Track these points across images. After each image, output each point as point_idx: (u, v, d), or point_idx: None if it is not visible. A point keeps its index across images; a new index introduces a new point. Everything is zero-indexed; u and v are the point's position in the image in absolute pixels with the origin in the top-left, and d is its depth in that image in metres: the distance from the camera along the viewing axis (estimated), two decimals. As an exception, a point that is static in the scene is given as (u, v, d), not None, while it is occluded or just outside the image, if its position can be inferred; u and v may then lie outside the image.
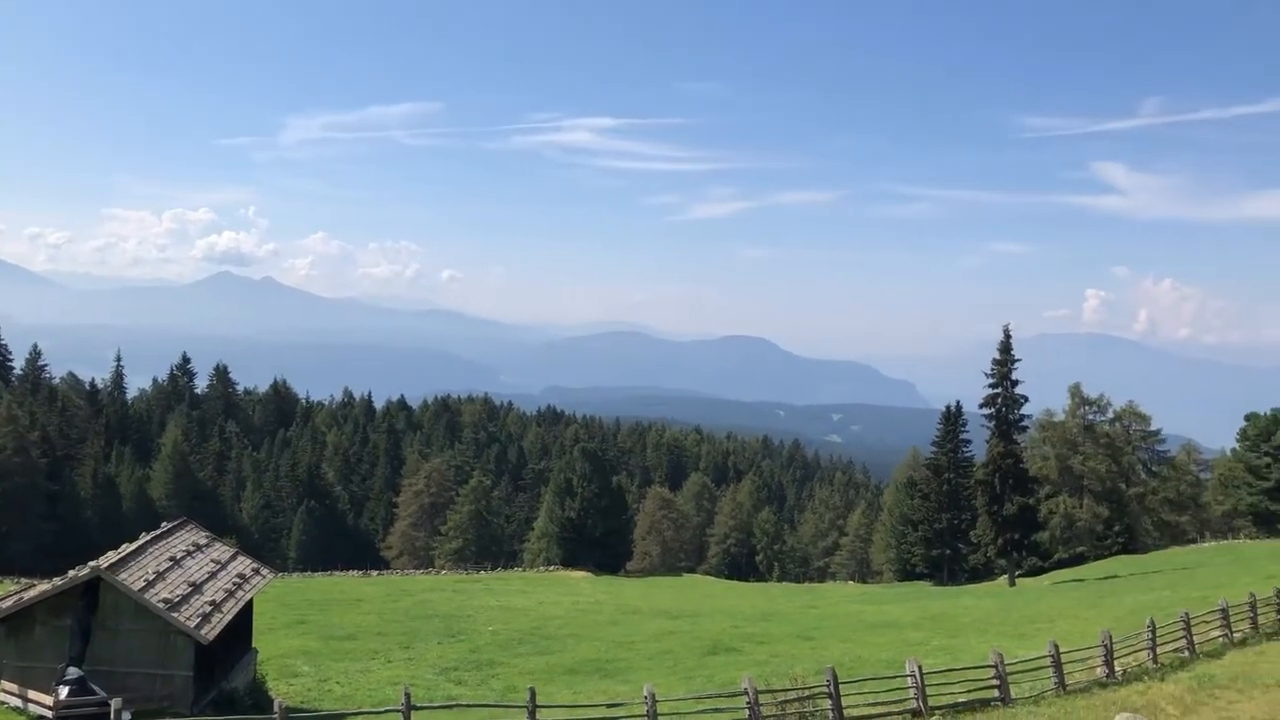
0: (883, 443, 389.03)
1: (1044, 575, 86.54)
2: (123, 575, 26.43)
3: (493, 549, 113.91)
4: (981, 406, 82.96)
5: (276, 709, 23.37)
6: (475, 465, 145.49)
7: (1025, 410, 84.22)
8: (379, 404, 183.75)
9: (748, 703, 24.45)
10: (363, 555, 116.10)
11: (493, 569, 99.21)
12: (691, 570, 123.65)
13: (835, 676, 25.45)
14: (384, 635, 49.85)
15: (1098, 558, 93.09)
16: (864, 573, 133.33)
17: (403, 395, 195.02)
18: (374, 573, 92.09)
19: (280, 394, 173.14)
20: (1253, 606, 36.55)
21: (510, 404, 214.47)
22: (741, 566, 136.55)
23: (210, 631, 26.74)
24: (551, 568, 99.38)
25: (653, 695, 24.31)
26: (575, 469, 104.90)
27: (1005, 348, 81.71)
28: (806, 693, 25.78)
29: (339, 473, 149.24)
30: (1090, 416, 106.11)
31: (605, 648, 45.77)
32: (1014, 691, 28.15)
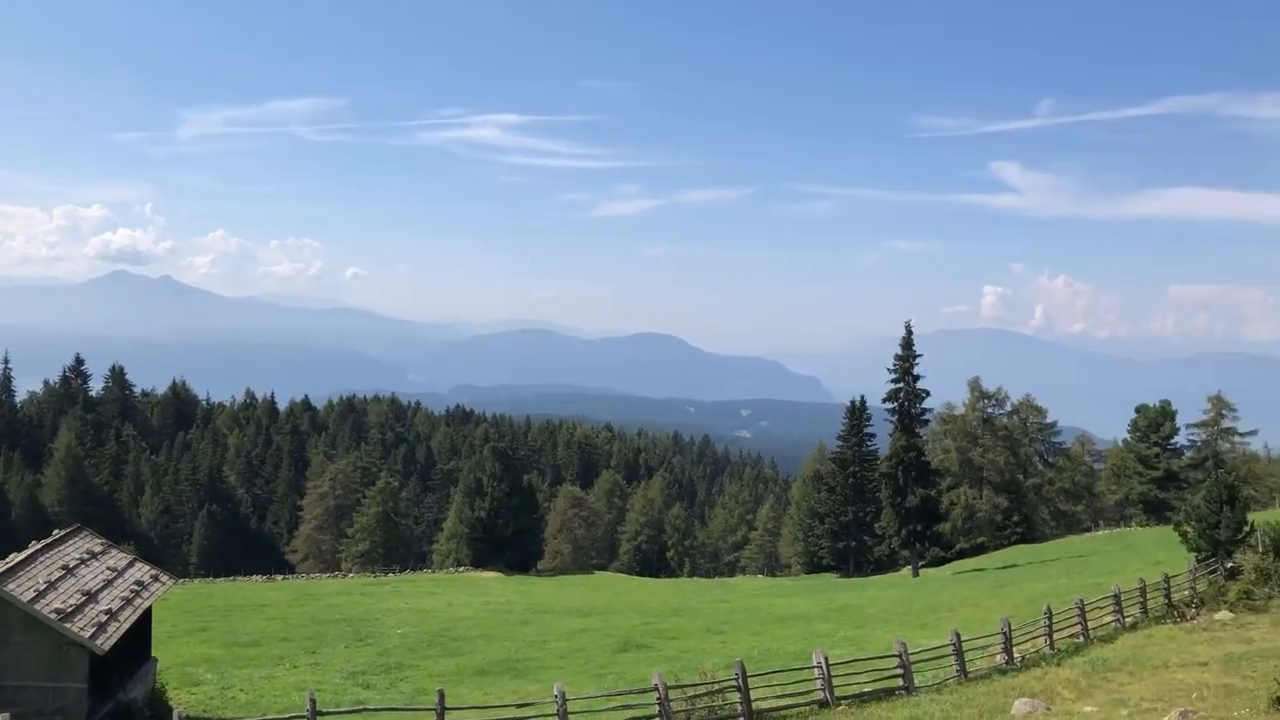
0: (790, 437, 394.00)
1: (946, 565, 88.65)
2: (10, 586, 25.46)
3: (401, 551, 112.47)
4: (885, 401, 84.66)
5: (176, 719, 22.80)
6: (382, 466, 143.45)
7: (927, 404, 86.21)
8: (282, 405, 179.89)
9: (658, 699, 24.61)
10: (267, 560, 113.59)
11: (401, 571, 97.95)
12: (603, 568, 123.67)
13: (744, 670, 25.75)
14: (289, 640, 48.88)
15: (997, 547, 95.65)
16: (773, 566, 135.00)
17: (307, 395, 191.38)
18: (279, 577, 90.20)
19: (179, 395, 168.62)
20: (1142, 592, 37.96)
21: (418, 403, 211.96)
22: (653, 563, 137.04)
23: (106, 641, 25.93)
24: (461, 568, 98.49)
25: (563, 694, 24.31)
26: (485, 468, 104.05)
27: (907, 343, 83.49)
28: (715, 687, 26.03)
29: (241, 476, 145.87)
30: (989, 410, 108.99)
31: (516, 647, 45.57)
32: (917, 680, 28.81)
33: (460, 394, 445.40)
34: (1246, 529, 42.39)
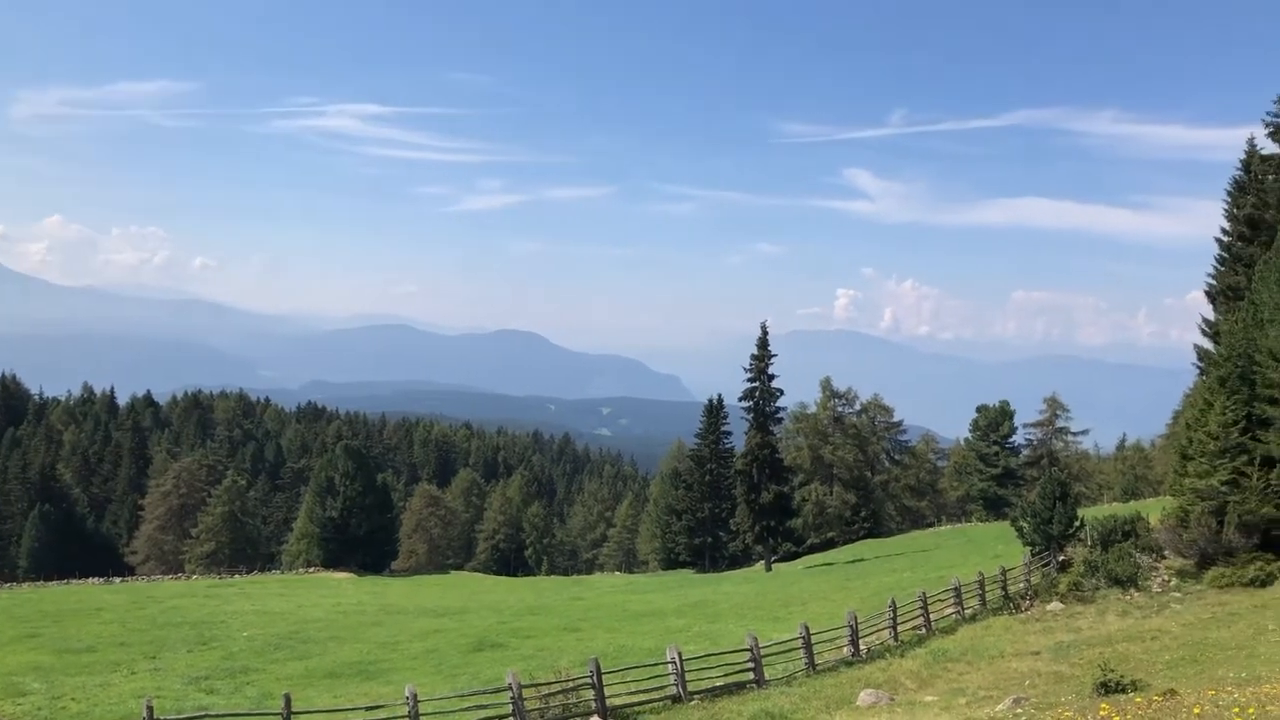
0: (650, 435, 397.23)
1: (798, 560, 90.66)
2: None
3: (248, 551, 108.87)
4: (741, 399, 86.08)
5: (-3, 733, 21.54)
6: (229, 464, 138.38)
7: (781, 403, 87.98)
8: (123, 400, 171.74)
9: (511, 698, 24.43)
10: (104, 562, 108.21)
11: (249, 572, 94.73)
12: (459, 567, 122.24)
13: (599, 667, 25.79)
14: (127, 646, 46.65)
15: (846, 542, 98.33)
16: (630, 563, 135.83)
17: (149, 390, 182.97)
18: (117, 580, 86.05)
19: (9, 389, 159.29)
20: (981, 584, 39.61)
21: (268, 400, 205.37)
22: (510, 562, 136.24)
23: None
24: (312, 569, 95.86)
25: (414, 695, 23.90)
26: (338, 467, 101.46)
27: (763, 343, 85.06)
28: (570, 685, 26.01)
29: (77, 474, 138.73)
30: (840, 409, 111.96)
31: (368, 649, 44.55)
32: (768, 673, 29.37)
33: (313, 390, 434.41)
34: (1077, 524, 44.71)
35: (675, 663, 27.49)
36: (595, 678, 25.60)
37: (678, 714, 26.30)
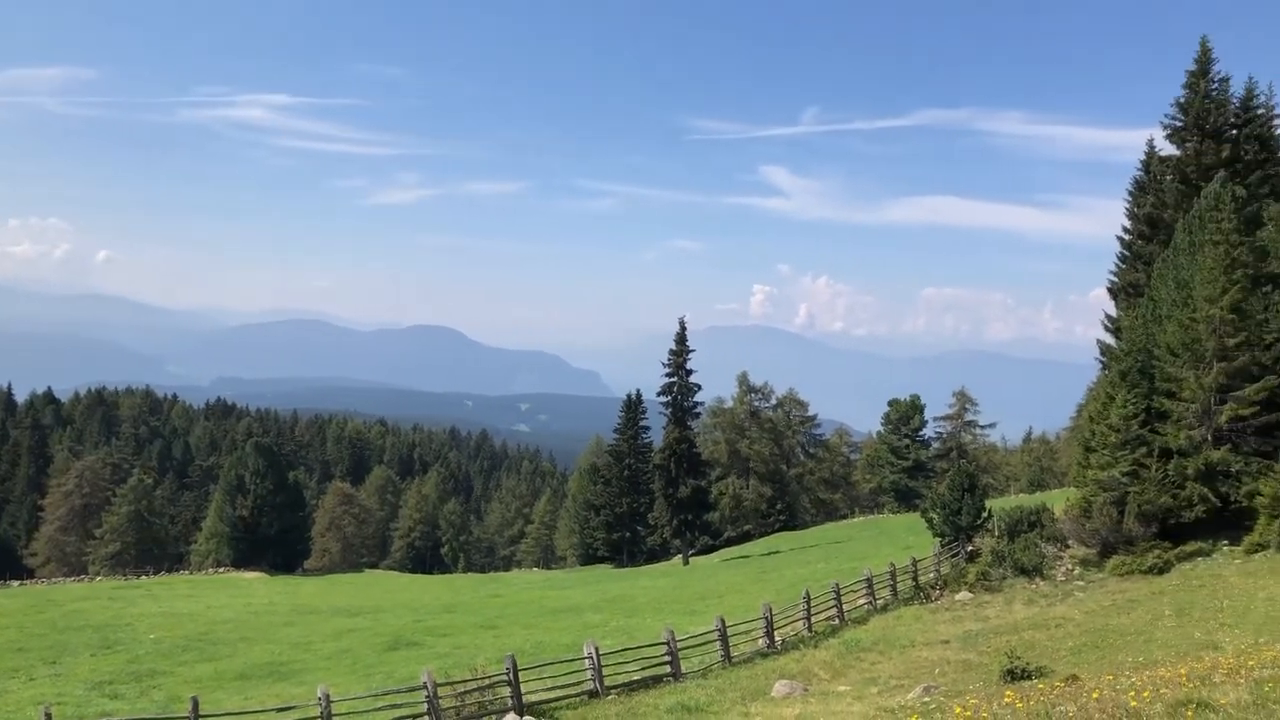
0: (569, 431, 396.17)
1: (715, 553, 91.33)
2: None
3: (155, 552, 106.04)
4: (660, 394, 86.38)
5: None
6: (135, 463, 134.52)
7: (698, 398, 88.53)
8: (20, 397, 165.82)
9: (426, 697, 24.17)
10: (1, 564, 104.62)
11: (156, 573, 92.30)
12: (374, 566, 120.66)
13: (515, 664, 25.65)
14: (25, 651, 45.13)
15: (762, 534, 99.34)
16: (549, 559, 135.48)
17: (50, 387, 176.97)
18: (15, 583, 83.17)
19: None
20: (893, 575, 40.34)
21: (175, 396, 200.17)
22: (426, 560, 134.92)
23: None
24: (222, 569, 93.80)
25: (327, 695, 23.51)
26: (248, 465, 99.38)
27: (681, 339, 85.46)
28: (486, 682, 25.81)
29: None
30: (756, 403, 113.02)
31: (280, 650, 43.75)
32: (685, 666, 29.53)
33: (223, 386, 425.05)
34: (985, 515, 45.79)
35: (592, 658, 27.48)
36: (512, 675, 25.46)
37: (595, 709, 26.29)
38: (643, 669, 28.78)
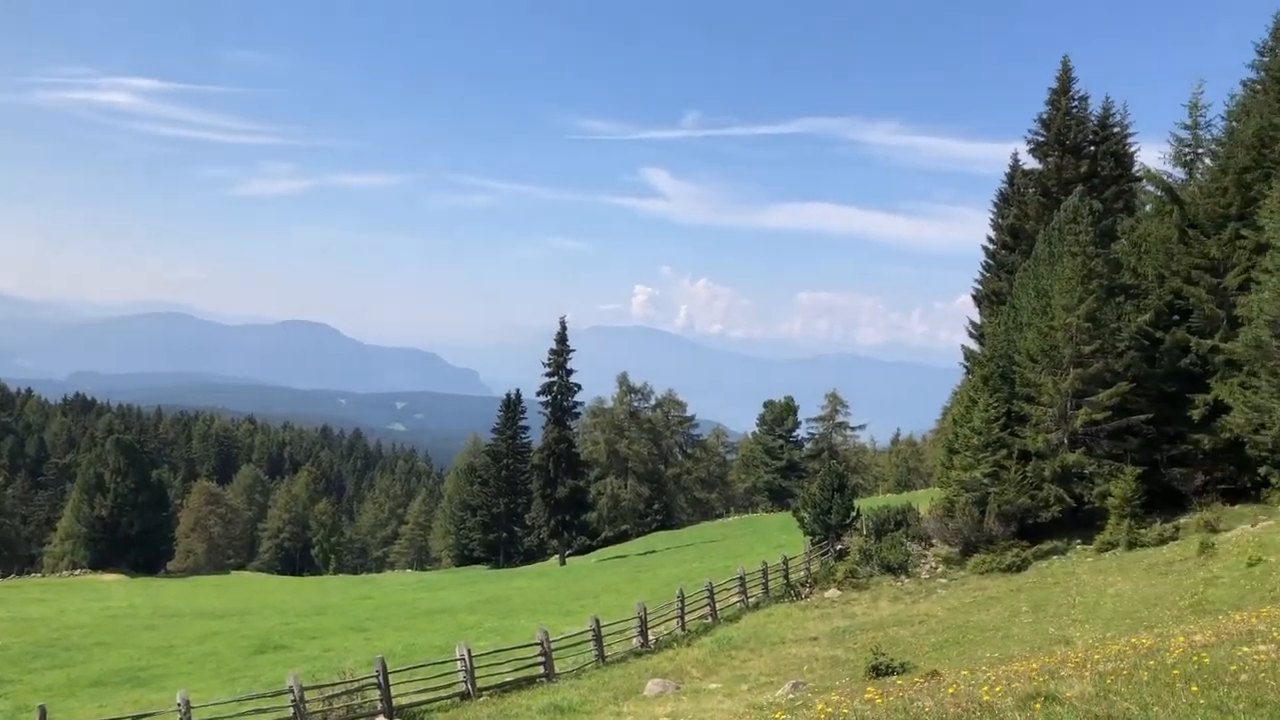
0: (446, 431, 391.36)
1: (592, 553, 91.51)
2: None
3: (4, 554, 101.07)
4: (539, 394, 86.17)
5: None
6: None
7: (578, 398, 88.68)
8: None
9: (293, 700, 23.61)
10: None
11: (5, 576, 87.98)
12: (241, 567, 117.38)
13: (385, 666, 25.25)
14: None
15: (639, 534, 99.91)
16: (423, 560, 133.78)
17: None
18: None
19: None
20: (765, 573, 41.02)
21: (29, 391, 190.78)
22: (296, 561, 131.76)
23: None
24: (78, 572, 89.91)
25: (186, 701, 22.75)
26: (108, 462, 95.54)
27: (561, 338, 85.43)
28: (355, 685, 25.34)
29: None
30: (635, 404, 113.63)
31: (139, 655, 42.09)
32: (558, 667, 29.49)
33: (80, 381, 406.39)
34: (854, 514, 46.93)
35: (464, 659, 27.22)
36: (381, 677, 25.04)
37: (466, 711, 26.05)
38: (516, 670, 28.64)
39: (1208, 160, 49.76)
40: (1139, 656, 12.13)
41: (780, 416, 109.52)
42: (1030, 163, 60.40)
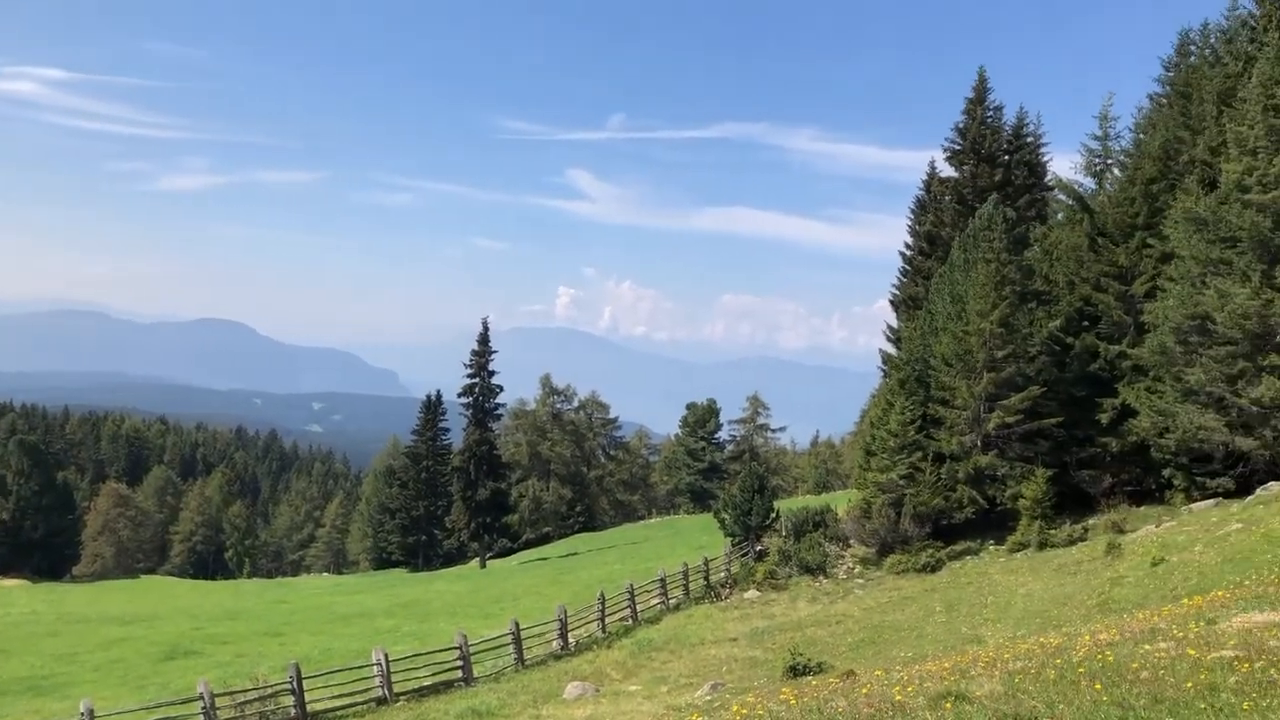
0: (364, 432, 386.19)
1: (513, 556, 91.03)
2: None
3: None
4: (460, 395, 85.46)
5: None
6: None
7: (500, 399, 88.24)
8: None
9: (203, 707, 23.09)
10: None
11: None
12: (152, 571, 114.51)
13: (299, 672, 24.84)
14: None
15: (561, 536, 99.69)
16: (340, 564, 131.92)
17: None
18: None
19: None
20: (685, 575, 41.18)
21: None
22: (209, 565, 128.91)
23: None
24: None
25: (90, 710, 22.09)
26: (10, 464, 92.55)
27: (483, 339, 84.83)
28: (268, 691, 24.89)
29: None
30: (558, 405, 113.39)
31: (41, 662, 40.73)
32: (477, 670, 29.28)
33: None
34: (773, 515, 47.36)
35: (381, 664, 26.89)
36: (295, 683, 24.62)
37: (383, 716, 25.74)
38: (434, 674, 28.37)
39: (1116, 171, 51.29)
40: (1047, 655, 12.42)
41: (703, 418, 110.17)
42: (947, 170, 61.61)
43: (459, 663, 28.76)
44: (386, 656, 27.09)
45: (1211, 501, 36.24)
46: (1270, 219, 34.20)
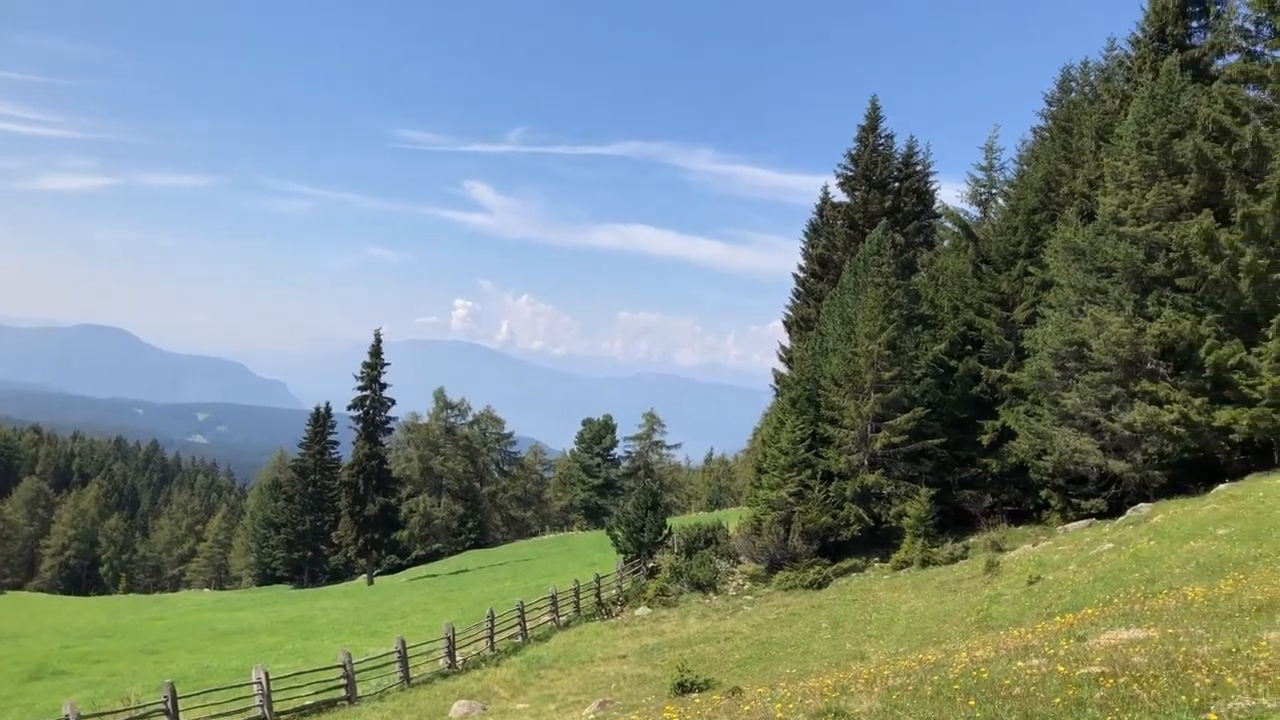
0: (250, 444, 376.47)
1: (402, 572, 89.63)
2: None
3: None
4: (351, 408, 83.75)
5: None
6: None
7: (393, 413, 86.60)
8: None
9: (69, 731, 22.11)
10: None
11: None
12: (19, 587, 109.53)
13: (174, 691, 24.00)
14: None
15: (452, 553, 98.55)
16: (222, 579, 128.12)
17: None
18: None
19: None
20: (576, 592, 41.05)
21: None
22: (82, 580, 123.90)
23: None
24: None
25: (-54, 736, 20.99)
26: None
27: (376, 351, 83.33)
28: (140, 712, 23.97)
29: None
30: (452, 419, 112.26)
31: (-108, 686, 38.57)
32: (361, 689, 28.70)
33: None
34: (666, 532, 47.57)
35: (261, 683, 26.15)
36: (170, 703, 23.77)
37: (262, 737, 25.04)
38: (316, 693, 27.72)
39: (1000, 200, 53.15)
40: (925, 672, 12.71)
41: (599, 434, 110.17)
42: (840, 196, 62.95)
43: (343, 681, 28.16)
44: (267, 675, 26.36)
45: (1085, 522, 37.57)
46: (1143, 250, 35.78)
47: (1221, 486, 32.84)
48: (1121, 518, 34.87)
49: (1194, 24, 44.46)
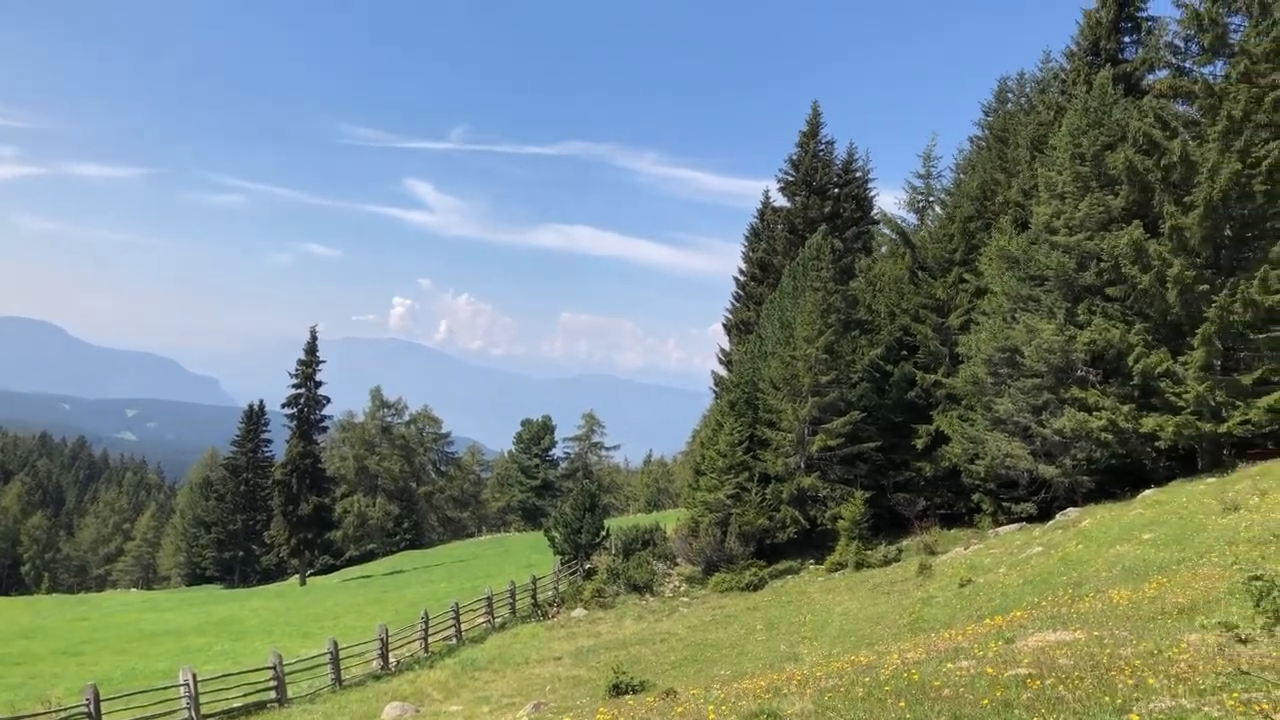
0: (181, 441, 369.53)
1: (335, 573, 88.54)
2: None
3: None
4: (285, 406, 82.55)
5: None
6: None
7: (328, 411, 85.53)
8: None
9: (-15, 736, 21.50)
10: None
11: None
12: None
13: (97, 694, 23.42)
14: None
15: (387, 554, 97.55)
16: (150, 579, 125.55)
17: None
18: None
19: None
20: (512, 594, 40.85)
21: None
22: (3, 580, 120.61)
23: None
24: None
25: None
26: None
27: (311, 348, 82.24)
28: (62, 715, 23.35)
29: None
30: (389, 419, 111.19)
31: None
32: (291, 691, 28.26)
33: None
34: (604, 533, 47.55)
35: (188, 684, 25.61)
36: (93, 705, 23.19)
37: (188, 741, 24.54)
38: (245, 695, 27.23)
39: (938, 208, 53.98)
40: (857, 673, 12.82)
41: (537, 435, 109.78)
42: (780, 200, 63.47)
43: (273, 683, 27.71)
44: (195, 676, 25.84)
45: (1016, 525, 38.22)
46: (1075, 260, 36.50)
47: (1147, 492, 33.60)
48: (1051, 522, 35.51)
49: (1126, 39, 45.50)
